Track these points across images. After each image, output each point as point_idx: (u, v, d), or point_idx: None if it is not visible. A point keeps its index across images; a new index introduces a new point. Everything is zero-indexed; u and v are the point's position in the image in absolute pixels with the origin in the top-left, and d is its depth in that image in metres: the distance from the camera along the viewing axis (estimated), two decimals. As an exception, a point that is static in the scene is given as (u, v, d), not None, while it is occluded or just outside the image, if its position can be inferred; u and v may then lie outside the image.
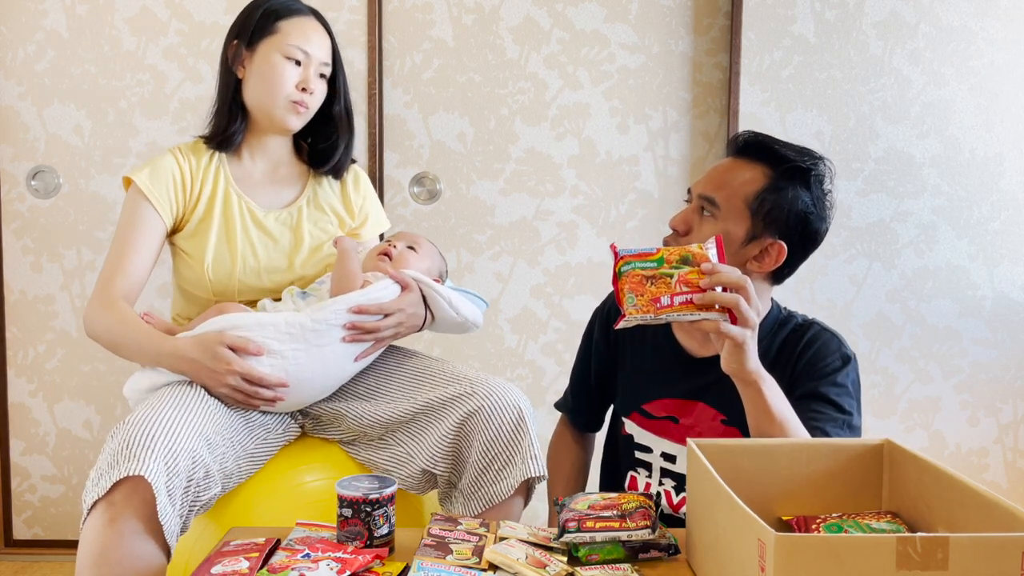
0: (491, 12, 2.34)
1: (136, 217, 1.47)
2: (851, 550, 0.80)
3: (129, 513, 1.13)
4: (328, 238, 1.55)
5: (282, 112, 1.48)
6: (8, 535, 2.46)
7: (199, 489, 1.21)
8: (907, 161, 2.35)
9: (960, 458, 2.43)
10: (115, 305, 1.41)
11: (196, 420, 1.24)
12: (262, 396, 1.34)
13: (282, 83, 1.47)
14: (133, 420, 1.20)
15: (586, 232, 2.40)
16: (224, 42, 1.53)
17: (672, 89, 2.36)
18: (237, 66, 1.50)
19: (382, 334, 1.41)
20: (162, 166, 1.49)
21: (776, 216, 1.28)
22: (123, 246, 1.45)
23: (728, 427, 1.33)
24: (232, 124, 1.51)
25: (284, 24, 1.49)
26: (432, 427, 1.41)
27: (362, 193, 1.65)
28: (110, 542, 1.12)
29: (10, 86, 2.34)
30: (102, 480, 1.14)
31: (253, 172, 1.56)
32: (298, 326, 1.34)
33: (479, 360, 2.42)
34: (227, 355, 1.30)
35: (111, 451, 1.17)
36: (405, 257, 1.51)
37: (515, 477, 1.34)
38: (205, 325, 1.36)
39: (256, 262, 1.49)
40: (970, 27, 2.31)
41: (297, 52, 1.48)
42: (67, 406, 2.43)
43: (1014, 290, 2.38)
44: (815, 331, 1.34)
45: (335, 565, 1.00)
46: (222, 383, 1.31)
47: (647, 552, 1.09)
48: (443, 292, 1.48)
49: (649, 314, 1.11)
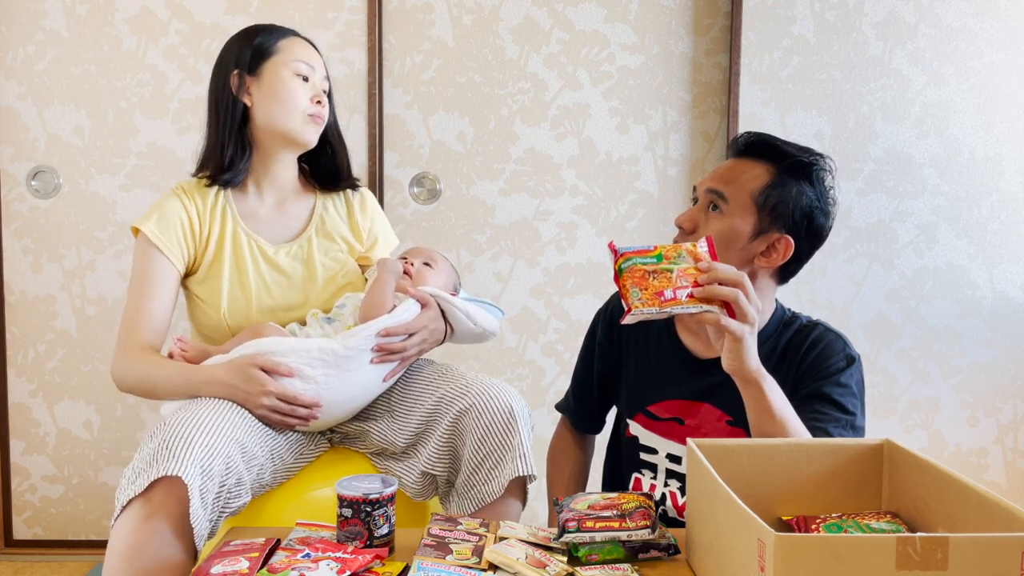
0: (491, 12, 2.34)
1: (148, 266, 1.47)
2: (851, 550, 0.80)
3: (164, 512, 1.14)
4: (340, 267, 1.56)
5: (300, 127, 1.49)
6: (8, 535, 2.46)
7: (230, 496, 1.23)
8: (907, 161, 2.35)
9: (960, 458, 2.43)
10: (141, 354, 1.42)
11: (234, 427, 1.26)
12: (298, 415, 1.36)
13: (297, 98, 1.49)
14: (173, 422, 1.21)
15: (586, 232, 2.40)
16: (214, 80, 1.52)
17: (672, 89, 2.36)
18: (243, 94, 1.49)
19: (408, 352, 1.44)
20: (169, 212, 1.49)
21: (782, 211, 1.28)
22: (140, 296, 1.46)
23: (734, 428, 1.33)
24: (240, 157, 1.51)
25: (283, 43, 1.51)
26: (430, 429, 1.42)
27: (369, 216, 1.65)
28: (144, 539, 1.13)
29: (10, 86, 2.34)
30: (140, 478, 1.15)
31: (260, 207, 1.56)
32: (331, 353, 1.37)
33: (479, 360, 2.42)
34: (261, 377, 1.32)
35: (150, 450, 1.18)
36: (423, 274, 1.55)
37: (505, 476, 1.34)
38: (239, 349, 1.37)
39: (271, 300, 1.51)
40: (970, 27, 2.31)
41: (304, 67, 1.50)
42: (67, 406, 2.43)
43: (1014, 290, 2.38)
44: (820, 332, 1.34)
45: (335, 565, 1.00)
46: (258, 404, 1.33)
47: (647, 552, 1.09)
48: (461, 305, 1.51)
49: (654, 307, 1.11)
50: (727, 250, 1.26)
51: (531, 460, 1.36)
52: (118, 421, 2.43)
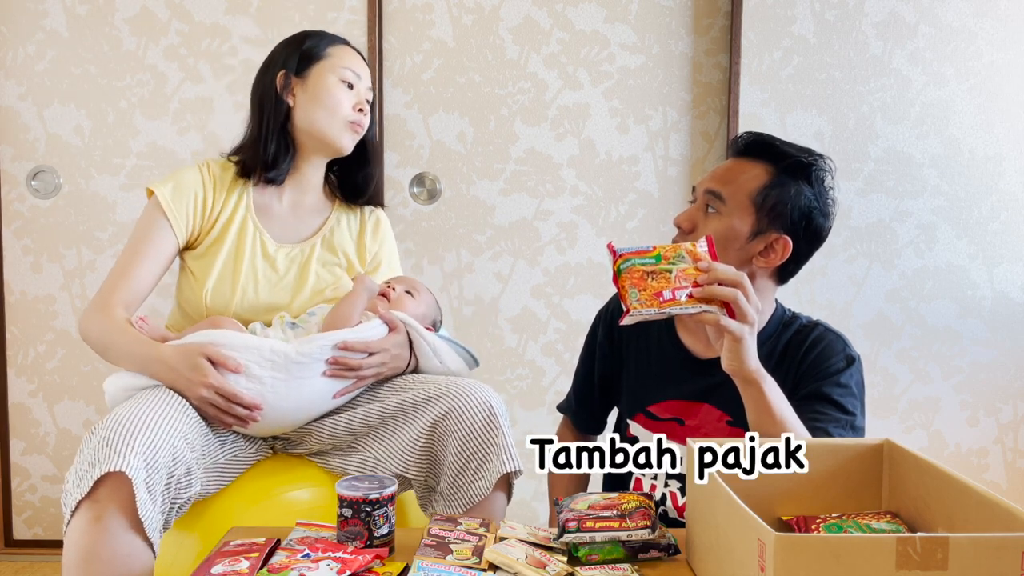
0: (491, 12, 2.34)
1: (151, 230, 1.47)
2: (851, 550, 0.80)
3: (113, 510, 1.12)
4: (333, 280, 1.55)
5: (338, 133, 1.50)
6: (8, 535, 2.46)
7: (180, 486, 1.21)
8: (907, 161, 2.35)
9: (960, 458, 2.43)
10: (111, 311, 1.41)
11: (176, 420, 1.24)
12: (235, 413, 1.33)
13: (340, 104, 1.49)
14: (112, 419, 1.19)
15: (586, 232, 2.40)
16: (260, 78, 1.54)
17: (672, 89, 2.36)
18: (287, 95, 1.50)
19: (364, 372, 1.41)
20: (186, 182, 1.49)
21: (780, 211, 1.28)
22: (132, 256, 1.46)
23: (734, 428, 1.33)
24: (284, 156, 1.51)
25: (333, 50, 1.53)
26: (402, 431, 1.40)
27: (379, 240, 1.64)
28: (97, 540, 1.12)
29: (10, 86, 2.34)
30: (83, 480, 1.14)
31: (276, 203, 1.56)
32: (282, 355, 1.34)
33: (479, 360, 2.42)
34: (205, 366, 1.30)
35: (91, 450, 1.16)
36: (402, 301, 1.52)
37: (492, 475, 1.33)
38: (192, 336, 1.36)
39: (256, 297, 1.49)
40: (970, 27, 2.31)
41: (350, 75, 1.51)
42: (67, 406, 2.43)
43: (1014, 290, 2.38)
44: (820, 332, 1.34)
45: (335, 565, 1.00)
46: (196, 394, 1.31)
47: (647, 552, 1.09)
48: (429, 338, 1.48)
49: (653, 308, 1.12)
50: (725, 250, 1.26)
51: (516, 455, 1.35)
52: (118, 421, 2.43)
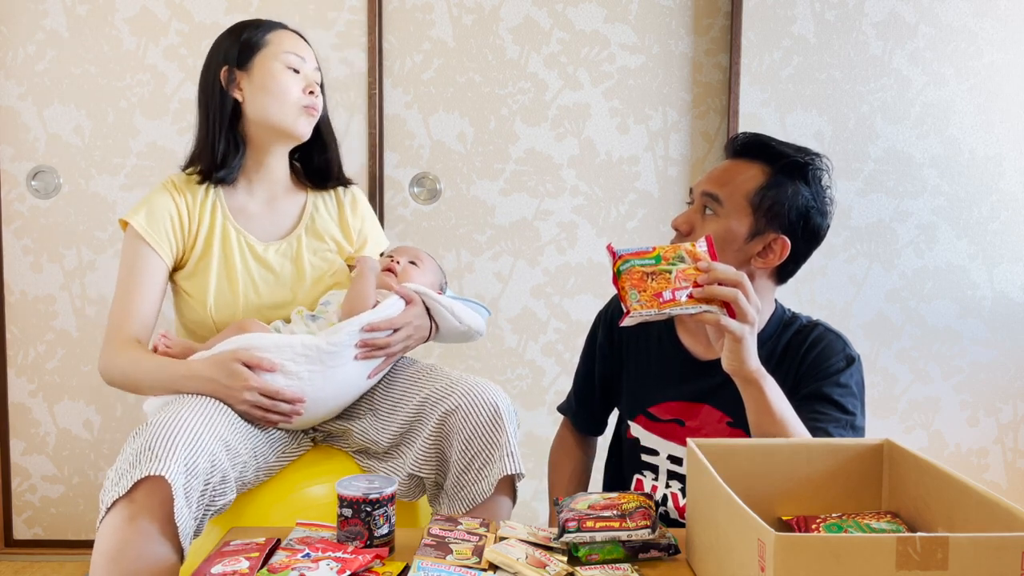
0: (491, 12, 2.34)
1: (137, 261, 1.47)
2: (851, 550, 0.80)
3: (148, 512, 1.13)
4: (328, 267, 1.55)
5: (293, 119, 1.48)
6: (8, 535, 2.46)
7: (215, 493, 1.22)
8: (907, 161, 2.35)
9: (960, 458, 2.43)
10: (127, 349, 1.41)
11: (217, 425, 1.25)
12: (280, 410, 1.35)
13: (288, 90, 1.47)
14: (156, 422, 1.20)
15: (586, 232, 2.40)
16: (203, 77, 1.51)
17: (672, 89, 2.36)
18: (233, 89, 1.48)
19: (393, 348, 1.44)
20: (158, 206, 1.48)
21: (778, 212, 1.28)
22: (128, 290, 1.45)
23: (734, 429, 1.33)
24: (234, 155, 1.49)
25: (272, 36, 1.50)
26: (416, 430, 1.41)
27: (360, 216, 1.65)
28: (129, 540, 1.12)
29: (10, 86, 2.34)
30: (123, 480, 1.14)
31: (250, 203, 1.55)
32: (314, 348, 1.36)
33: (479, 360, 2.42)
34: (243, 371, 1.31)
35: (133, 451, 1.17)
36: (409, 272, 1.55)
37: (494, 476, 1.34)
38: (221, 345, 1.36)
39: (258, 298, 1.49)
40: (970, 27, 2.31)
41: (294, 59, 1.49)
42: (67, 406, 2.43)
43: (1014, 290, 2.38)
44: (820, 332, 1.34)
45: (335, 565, 1.00)
46: (240, 399, 1.31)
47: (647, 552, 1.09)
48: (445, 303, 1.51)
49: (653, 309, 1.12)
50: (723, 251, 1.26)
51: (519, 458, 1.36)
52: (118, 421, 2.43)
